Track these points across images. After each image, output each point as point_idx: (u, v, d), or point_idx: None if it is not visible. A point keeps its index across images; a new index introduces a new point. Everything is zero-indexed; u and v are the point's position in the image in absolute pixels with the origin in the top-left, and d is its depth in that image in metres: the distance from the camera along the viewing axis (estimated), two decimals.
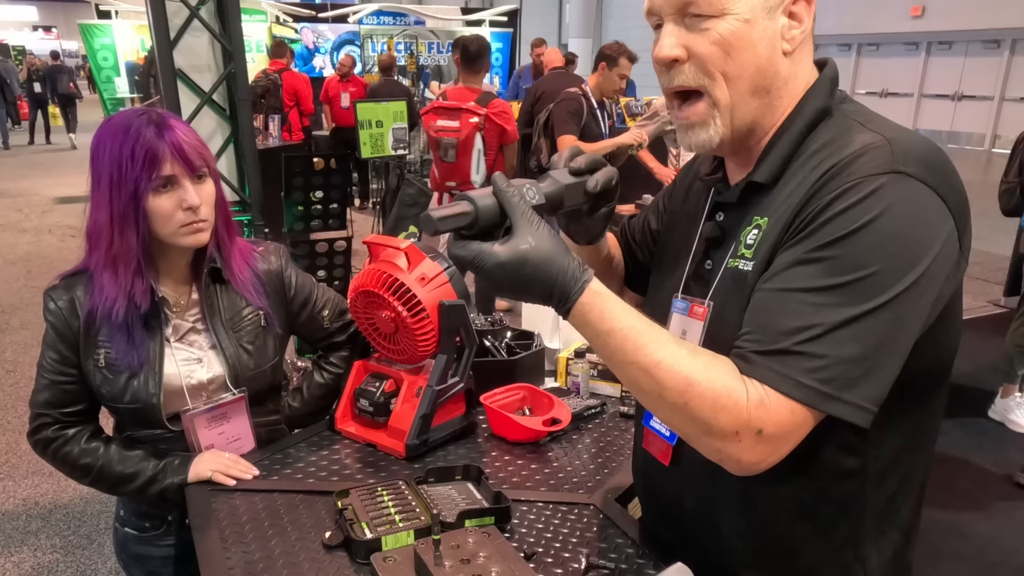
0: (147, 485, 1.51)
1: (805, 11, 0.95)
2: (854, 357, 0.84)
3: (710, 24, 0.92)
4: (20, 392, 4.43)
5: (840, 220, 0.86)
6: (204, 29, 3.20)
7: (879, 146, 0.89)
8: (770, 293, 0.90)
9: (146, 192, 1.39)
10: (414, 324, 1.53)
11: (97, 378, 1.49)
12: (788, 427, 0.86)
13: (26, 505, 3.33)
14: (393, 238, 1.65)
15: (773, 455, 0.88)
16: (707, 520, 1.10)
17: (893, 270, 0.84)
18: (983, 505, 3.33)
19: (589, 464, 1.60)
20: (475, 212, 0.90)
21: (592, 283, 0.92)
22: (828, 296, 0.85)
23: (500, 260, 0.89)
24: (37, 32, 36.87)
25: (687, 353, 0.90)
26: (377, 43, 11.78)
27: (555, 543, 1.30)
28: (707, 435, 0.89)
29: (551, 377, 2.09)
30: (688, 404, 0.88)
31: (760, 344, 0.88)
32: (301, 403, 1.78)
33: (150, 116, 1.41)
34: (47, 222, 8.68)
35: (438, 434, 1.63)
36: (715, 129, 0.97)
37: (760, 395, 0.86)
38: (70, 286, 1.49)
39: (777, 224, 0.94)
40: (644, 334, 0.91)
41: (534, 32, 13.19)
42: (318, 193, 3.79)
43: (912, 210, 0.85)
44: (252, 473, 1.52)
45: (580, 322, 0.93)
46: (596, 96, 4.54)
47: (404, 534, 1.25)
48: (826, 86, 0.99)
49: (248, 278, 1.59)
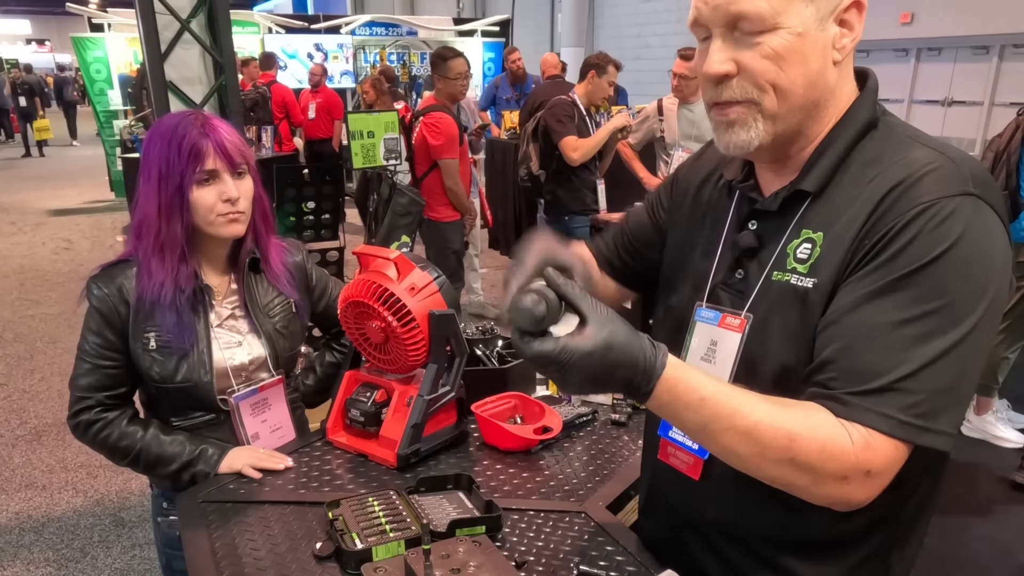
0: (182, 469, 1.59)
1: (856, 19, 0.92)
2: (945, 388, 0.85)
3: (762, 39, 0.89)
4: (12, 405, 4.41)
5: (918, 246, 0.85)
6: (195, 42, 3.21)
7: (944, 166, 0.89)
8: (854, 327, 0.88)
9: (190, 184, 1.51)
10: (404, 334, 1.53)
11: (146, 361, 1.57)
12: (894, 462, 0.87)
13: (19, 519, 3.31)
14: (383, 248, 1.66)
15: (879, 489, 0.89)
16: (730, 530, 1.09)
17: (972, 296, 0.85)
18: (979, 507, 3.34)
19: (580, 472, 1.60)
20: (546, 305, 0.84)
21: (668, 356, 0.88)
22: (915, 328, 0.85)
23: (587, 350, 0.83)
24: (31, 45, 36.90)
25: (781, 408, 0.89)
26: (370, 54, 11.80)
27: (546, 552, 1.30)
28: (816, 484, 0.88)
29: (542, 385, 2.09)
30: (794, 459, 0.87)
31: (854, 384, 0.87)
32: (315, 380, 1.92)
33: (197, 117, 1.55)
34: (40, 235, 8.66)
35: (429, 443, 1.63)
36: (756, 131, 0.94)
37: (865, 437, 0.86)
38: (114, 275, 1.58)
39: (839, 242, 0.92)
40: (734, 397, 0.89)
41: (526, 42, 13.26)
42: (310, 204, 3.80)
43: (984, 234, 0.86)
44: (286, 464, 1.59)
45: (668, 398, 0.88)
46: (584, 104, 4.57)
47: (395, 544, 1.25)
48: (872, 96, 0.98)
49: (282, 271, 1.73)
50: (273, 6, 23.70)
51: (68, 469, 3.71)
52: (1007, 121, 3.72)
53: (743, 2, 0.88)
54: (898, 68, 8.75)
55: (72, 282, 6.47)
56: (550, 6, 15.10)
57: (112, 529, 3.24)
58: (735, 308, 1.03)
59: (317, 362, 1.95)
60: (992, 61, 7.82)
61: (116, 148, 9.08)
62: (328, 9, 18.04)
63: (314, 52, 11.39)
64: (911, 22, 8.31)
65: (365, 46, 11.82)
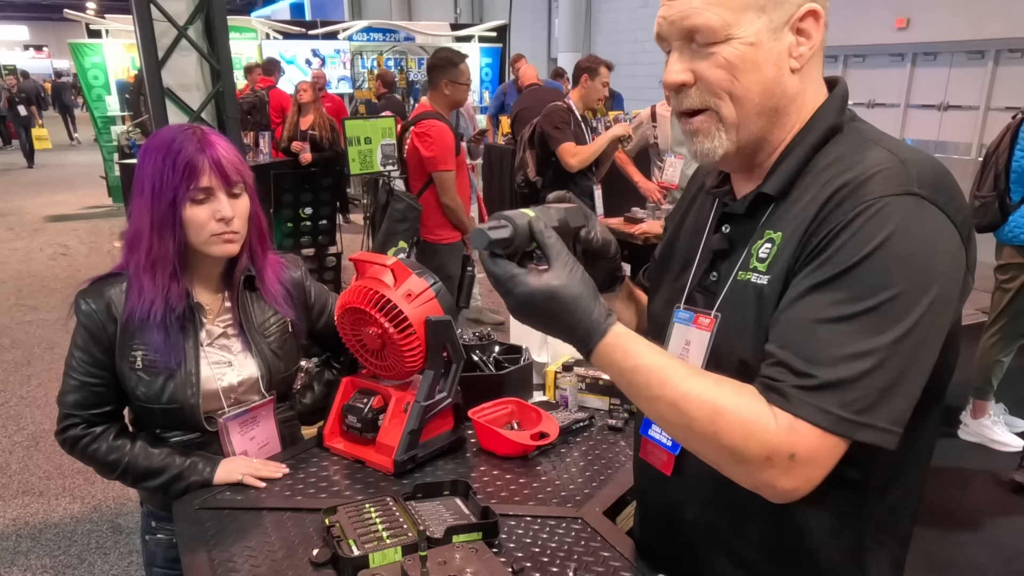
0: (172, 481, 1.56)
1: (814, 28, 0.95)
2: (883, 385, 0.85)
3: (716, 49, 0.93)
4: (9, 411, 4.41)
5: (854, 243, 0.87)
6: (192, 49, 3.22)
7: (892, 167, 0.90)
8: (797, 321, 0.90)
9: (184, 201, 1.47)
10: (401, 340, 1.53)
11: (132, 380, 1.54)
12: (820, 451, 0.87)
13: (16, 525, 3.31)
14: (379, 255, 1.66)
15: (809, 482, 0.88)
16: (707, 530, 1.11)
17: (911, 293, 0.85)
18: (977, 511, 3.35)
19: (577, 478, 1.61)
20: (513, 234, 0.94)
21: (616, 326, 0.94)
22: (852, 325, 0.86)
23: (530, 290, 0.92)
24: (28, 51, 36.92)
25: (712, 383, 0.91)
26: (367, 59, 11.81)
27: (543, 558, 1.30)
28: (739, 463, 0.89)
29: (539, 391, 2.09)
30: (718, 432, 0.88)
31: (795, 379, 0.88)
32: (312, 399, 1.87)
33: (194, 131, 1.50)
34: (38, 240, 8.65)
35: (426, 450, 1.63)
36: (719, 140, 0.98)
37: (790, 421, 0.87)
38: (103, 289, 1.55)
39: (791, 239, 0.95)
40: (668, 368, 0.92)
41: (524, 47, 13.27)
42: (307, 209, 3.80)
43: (924, 231, 0.86)
44: (283, 471, 1.59)
45: (604, 361, 0.95)
46: (580, 109, 4.59)
47: (391, 551, 1.26)
48: (837, 103, 1.00)
49: (278, 289, 1.69)
50: (270, 12, 23.75)
51: (65, 475, 3.70)
52: (1002, 126, 3.71)
53: (695, 16, 0.93)
54: (894, 73, 8.78)
55: (69, 288, 6.34)
56: (547, 12, 15.14)
57: (109, 536, 3.23)
58: (706, 308, 1.07)
59: (316, 380, 1.91)
60: (987, 66, 7.85)
61: (114, 154, 9.08)
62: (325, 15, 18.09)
63: (311, 58, 11.41)
64: (907, 27, 8.35)
65: (362, 52, 11.84)
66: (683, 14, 0.94)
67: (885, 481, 1.02)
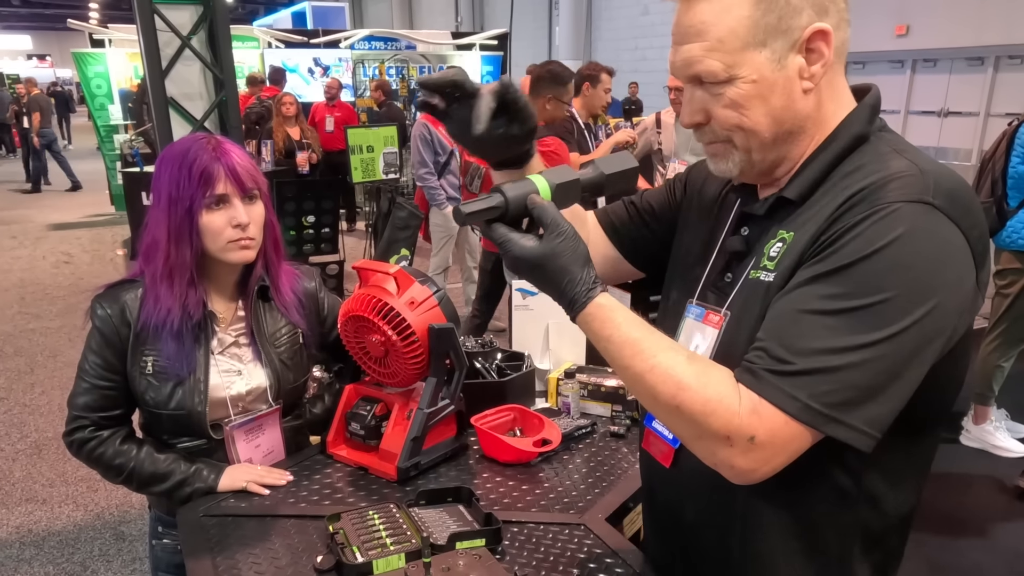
0: (177, 487, 1.57)
1: (823, 46, 0.95)
2: (861, 383, 0.86)
3: (722, 90, 0.96)
4: (13, 419, 4.42)
5: (858, 242, 0.87)
6: (196, 58, 3.24)
7: (911, 175, 0.90)
8: (785, 310, 0.92)
9: (200, 209, 1.49)
10: (404, 348, 1.54)
11: (142, 385, 1.56)
12: (782, 438, 0.87)
13: (19, 533, 3.31)
14: (382, 263, 1.67)
15: (767, 465, 0.89)
16: (705, 528, 1.11)
17: (905, 300, 0.85)
18: (980, 517, 3.34)
19: (580, 484, 1.61)
20: (505, 206, 0.99)
21: (599, 296, 0.98)
22: (840, 319, 0.86)
23: (521, 254, 0.97)
24: (31, 60, 37.05)
25: (684, 359, 0.93)
26: (368, 68, 11.85)
27: (546, 564, 1.31)
28: (699, 439, 0.92)
29: (542, 398, 2.10)
30: (680, 407, 0.91)
31: (771, 363, 0.89)
32: (322, 410, 1.87)
33: (208, 140, 1.53)
34: (41, 248, 8.67)
35: (429, 456, 1.64)
36: (734, 163, 1.02)
37: (754, 403, 0.88)
38: (118, 295, 1.56)
39: (802, 239, 0.96)
40: (642, 342, 0.95)
41: (525, 56, 13.31)
42: (310, 218, 3.82)
43: (932, 242, 0.86)
44: (286, 479, 1.61)
45: (584, 328, 1.00)
46: (583, 117, 4.59)
47: (395, 557, 1.26)
48: (866, 112, 1.00)
49: (291, 299, 1.70)
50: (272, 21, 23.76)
51: (69, 483, 3.71)
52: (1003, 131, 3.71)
53: (697, 64, 0.97)
54: (894, 80, 8.79)
55: (72, 296, 6.47)
56: (548, 20, 15.19)
57: (113, 543, 3.23)
58: (717, 306, 1.08)
59: (327, 391, 1.91)
60: (987, 72, 7.87)
61: (116, 162, 9.11)
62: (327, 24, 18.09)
63: (314, 67, 11.46)
64: (906, 34, 8.37)
65: (364, 60, 11.88)
66: (686, 62, 0.98)
67: (880, 492, 1.01)
